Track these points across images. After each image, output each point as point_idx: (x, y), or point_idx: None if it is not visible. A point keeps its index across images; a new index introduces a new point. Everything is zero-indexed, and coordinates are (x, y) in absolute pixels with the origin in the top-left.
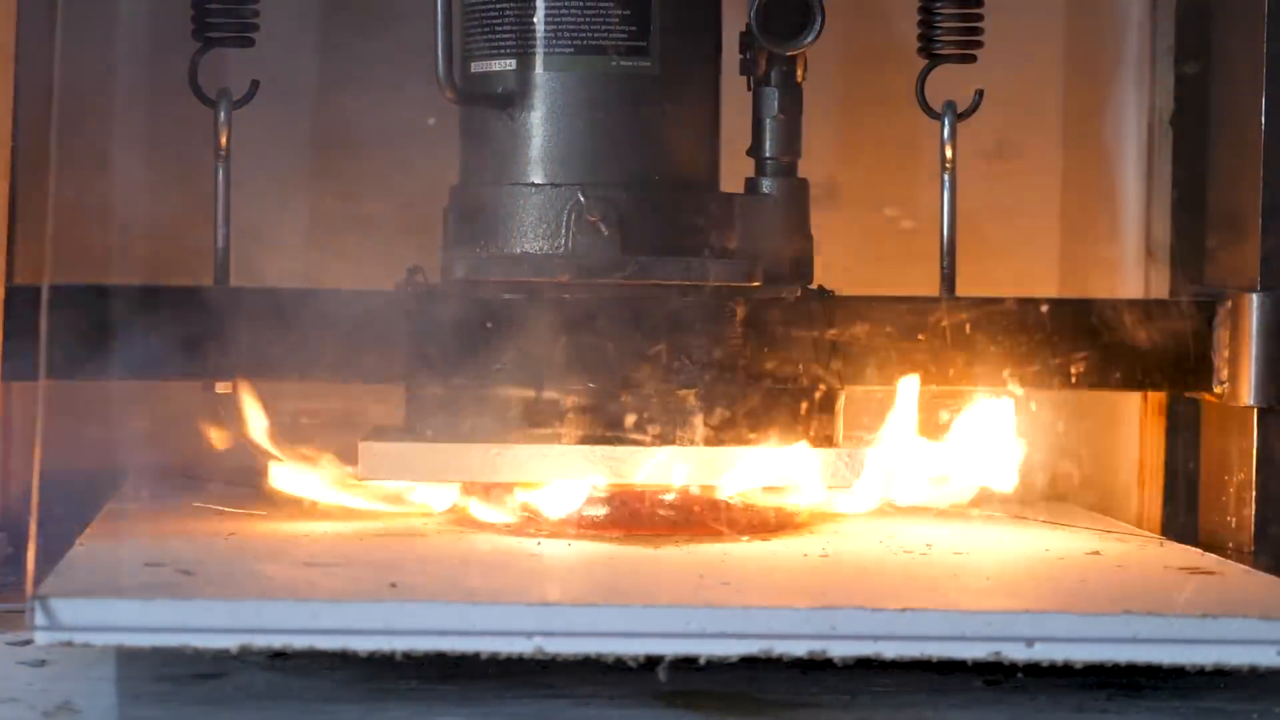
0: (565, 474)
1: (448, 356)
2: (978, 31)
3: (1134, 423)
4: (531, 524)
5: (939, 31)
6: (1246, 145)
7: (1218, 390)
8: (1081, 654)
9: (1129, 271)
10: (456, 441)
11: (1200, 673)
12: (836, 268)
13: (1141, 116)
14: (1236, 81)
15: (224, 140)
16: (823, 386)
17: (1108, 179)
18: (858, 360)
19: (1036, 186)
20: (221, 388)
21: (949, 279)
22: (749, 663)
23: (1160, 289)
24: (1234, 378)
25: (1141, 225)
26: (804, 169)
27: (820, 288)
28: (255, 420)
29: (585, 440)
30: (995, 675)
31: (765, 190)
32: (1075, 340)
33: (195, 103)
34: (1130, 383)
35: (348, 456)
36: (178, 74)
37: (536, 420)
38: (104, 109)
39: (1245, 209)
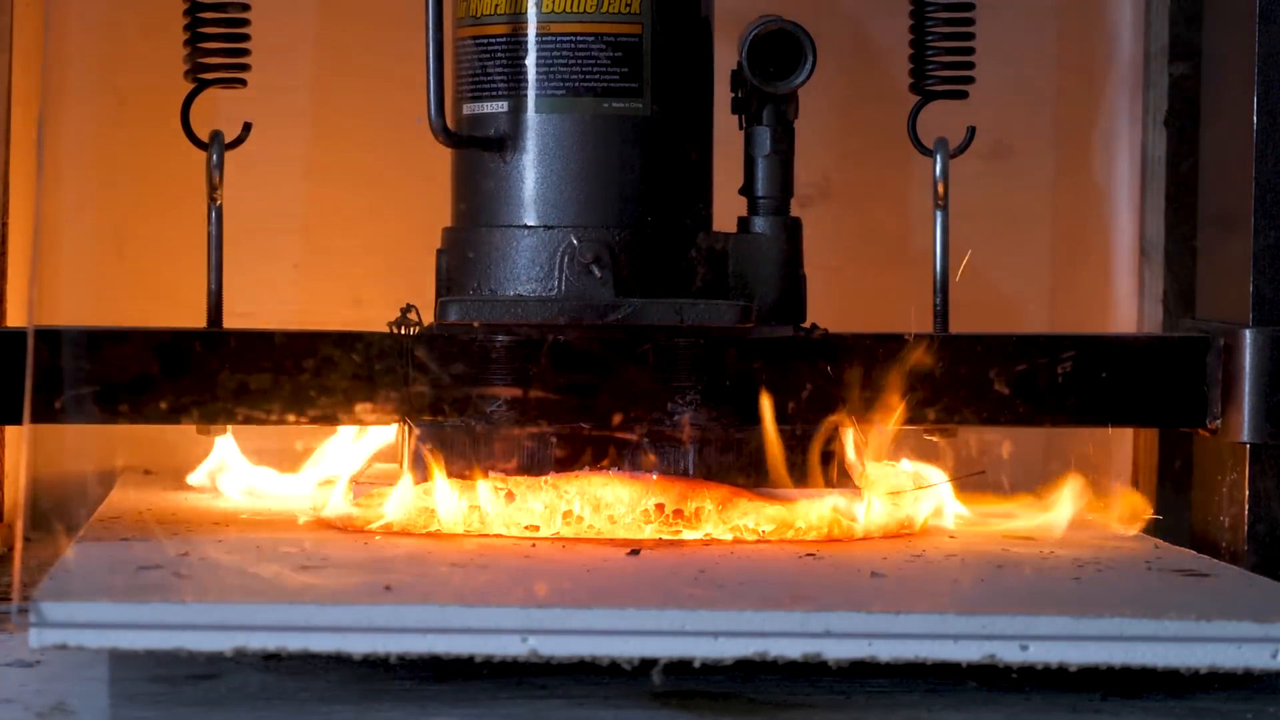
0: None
1: (441, 397)
2: (969, 66)
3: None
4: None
5: (930, 68)
6: (1238, 145)
7: (1211, 426)
8: (1075, 656)
9: (1122, 272)
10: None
11: (1195, 674)
12: (828, 269)
13: (1135, 117)
14: (1228, 82)
15: (217, 182)
16: (819, 424)
17: (1101, 179)
18: (851, 397)
19: (1029, 186)
20: (209, 430)
21: (942, 315)
22: (743, 663)
23: (1154, 290)
24: (1227, 414)
25: (1135, 225)
26: (799, 169)
27: (813, 325)
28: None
29: (579, 477)
30: (990, 676)
31: (758, 229)
32: (1067, 374)
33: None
34: (1122, 418)
35: None
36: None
37: (531, 459)
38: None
39: (1237, 209)
